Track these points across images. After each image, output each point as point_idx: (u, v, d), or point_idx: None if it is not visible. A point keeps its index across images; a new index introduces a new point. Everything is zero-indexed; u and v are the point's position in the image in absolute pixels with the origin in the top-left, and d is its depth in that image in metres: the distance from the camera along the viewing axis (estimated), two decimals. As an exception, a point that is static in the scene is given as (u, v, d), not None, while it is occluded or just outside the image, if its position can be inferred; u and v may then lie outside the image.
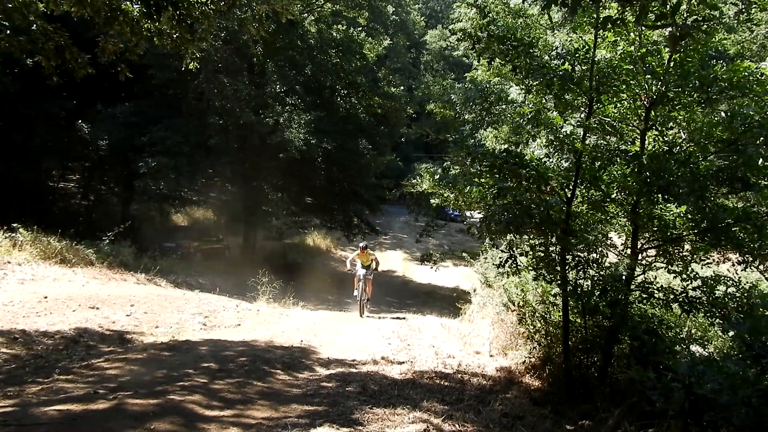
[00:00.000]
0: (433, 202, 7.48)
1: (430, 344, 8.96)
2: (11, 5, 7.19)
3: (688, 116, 6.21)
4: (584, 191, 6.20)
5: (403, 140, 41.80)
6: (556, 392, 6.32)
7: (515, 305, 7.67)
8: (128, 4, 7.71)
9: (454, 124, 15.84)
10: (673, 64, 5.95)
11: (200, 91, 21.96)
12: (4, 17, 7.29)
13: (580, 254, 6.28)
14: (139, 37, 7.83)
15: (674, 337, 5.99)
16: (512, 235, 6.67)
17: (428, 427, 4.77)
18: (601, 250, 6.54)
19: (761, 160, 5.54)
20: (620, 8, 5.27)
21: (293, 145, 21.65)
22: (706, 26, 5.30)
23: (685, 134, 6.35)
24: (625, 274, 6.05)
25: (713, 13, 5.72)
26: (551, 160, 6.70)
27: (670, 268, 6.12)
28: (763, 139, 5.52)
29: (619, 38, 6.28)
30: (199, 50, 8.62)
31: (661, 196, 5.68)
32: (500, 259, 7.25)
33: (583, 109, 6.46)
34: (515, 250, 6.72)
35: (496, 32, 6.63)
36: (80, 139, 25.48)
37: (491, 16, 17.06)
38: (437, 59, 54.70)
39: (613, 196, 6.01)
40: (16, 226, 12.97)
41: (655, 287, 6.05)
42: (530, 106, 7.36)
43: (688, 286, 5.81)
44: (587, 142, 6.36)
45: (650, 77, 6.01)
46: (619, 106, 6.45)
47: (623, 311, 5.71)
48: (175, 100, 22.87)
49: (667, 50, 5.99)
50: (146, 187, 21.05)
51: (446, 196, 7.06)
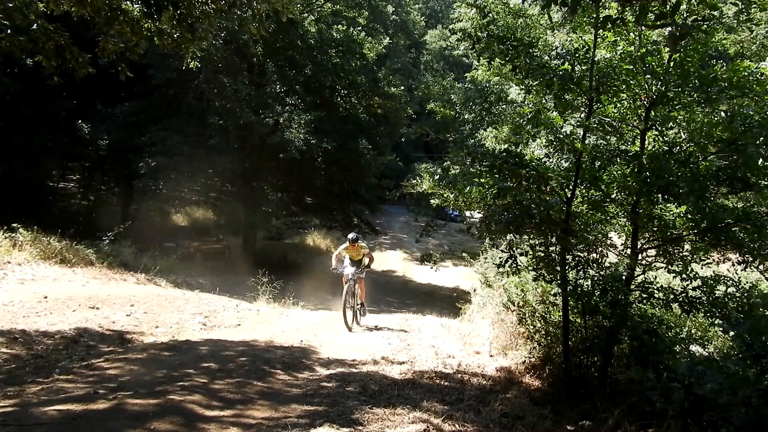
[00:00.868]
0: (433, 202, 7.48)
1: (430, 344, 8.96)
2: (12, 5, 7.20)
3: (688, 116, 6.21)
4: (584, 191, 6.20)
5: (403, 140, 41.81)
6: (556, 392, 6.32)
7: (515, 305, 7.66)
8: (128, 3, 7.71)
9: (454, 124, 15.85)
10: (673, 64, 5.95)
11: (200, 91, 21.97)
12: (4, 17, 7.29)
13: (580, 254, 6.28)
14: (139, 36, 7.83)
15: (674, 337, 5.99)
16: (512, 235, 6.67)
17: (428, 427, 4.77)
18: (601, 250, 6.54)
19: (761, 160, 5.55)
20: (620, 8, 5.27)
21: (293, 145, 21.65)
22: (706, 26, 5.30)
23: (685, 134, 6.35)
24: (625, 274, 6.05)
25: (713, 13, 5.73)
26: (551, 160, 6.70)
27: (670, 268, 6.12)
28: (763, 139, 5.52)
29: (619, 38, 6.27)
30: (199, 50, 8.62)
31: (661, 196, 5.68)
32: (500, 259, 7.24)
33: (583, 109, 6.45)
34: (515, 250, 6.72)
35: (496, 32, 6.63)
36: (80, 139, 25.47)
37: (491, 16, 17.03)
38: (437, 59, 54.69)
39: (613, 196, 6.01)
40: (16, 226, 12.96)
41: (655, 287, 6.05)
42: (530, 106, 7.36)
43: (688, 286, 5.81)
44: (587, 142, 6.36)
45: (650, 77, 6.01)
46: (619, 106, 6.45)
47: (623, 311, 5.71)
48: (175, 100, 22.85)
49: (667, 50, 5.99)
50: (146, 187, 21.05)
51: (446, 196, 7.06)
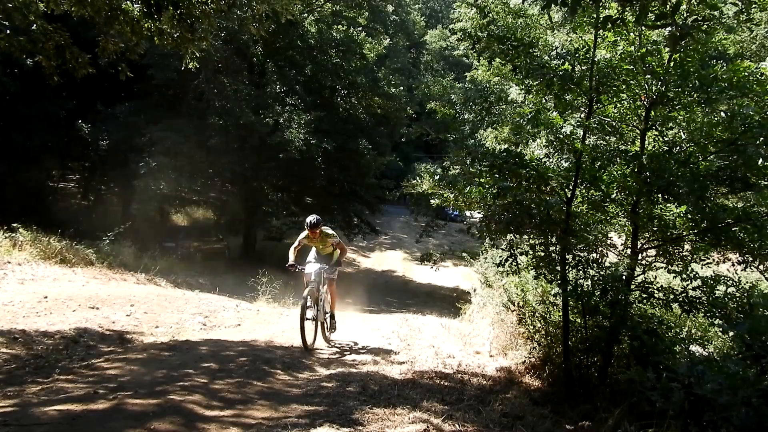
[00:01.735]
0: (433, 202, 7.47)
1: (430, 344, 8.95)
2: (11, 5, 7.20)
3: (688, 116, 6.21)
4: (584, 191, 6.20)
5: (403, 140, 41.72)
6: (556, 392, 6.32)
7: (515, 305, 7.66)
8: (129, 3, 7.70)
9: (454, 124, 15.86)
10: (673, 64, 5.95)
11: (200, 91, 21.96)
12: (4, 17, 7.29)
13: (580, 254, 6.29)
14: (139, 36, 7.83)
15: (674, 337, 5.98)
16: (512, 235, 6.67)
17: (428, 427, 4.77)
18: (601, 250, 6.55)
19: (761, 160, 5.54)
20: (620, 8, 5.27)
21: (293, 145, 21.66)
22: (706, 26, 5.31)
23: (685, 134, 6.35)
24: (625, 274, 6.05)
25: (713, 13, 5.73)
26: (551, 160, 6.70)
27: (670, 268, 6.12)
28: (763, 139, 5.51)
29: (619, 38, 6.27)
30: (199, 50, 8.61)
31: (661, 196, 5.68)
32: (500, 258, 7.24)
33: (583, 109, 6.46)
34: (515, 249, 6.72)
35: (495, 32, 6.65)
36: (80, 139, 25.49)
37: (491, 16, 17.12)
38: (437, 59, 54.67)
39: (613, 196, 6.01)
40: (16, 226, 12.95)
41: (655, 287, 6.06)
42: (530, 106, 7.37)
43: (688, 286, 5.81)
44: (587, 142, 6.36)
45: (650, 77, 6.01)
46: (619, 106, 6.45)
47: (623, 311, 5.71)
48: (175, 100, 22.87)
49: (667, 50, 5.99)
50: (146, 187, 21.06)
51: (446, 196, 7.06)
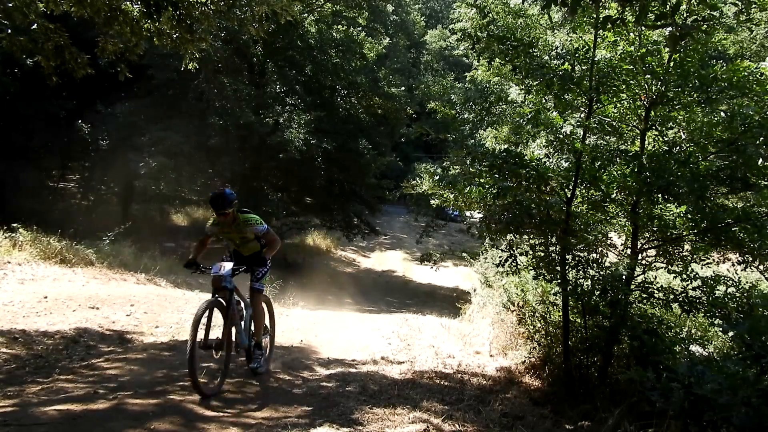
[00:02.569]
0: (433, 202, 7.47)
1: (429, 344, 8.95)
2: (12, 5, 7.20)
3: (687, 116, 6.22)
4: (584, 191, 6.21)
5: (403, 140, 41.69)
6: (556, 392, 6.32)
7: (515, 305, 7.66)
8: (128, 4, 7.71)
9: (454, 123, 15.84)
10: (672, 64, 5.95)
11: (200, 91, 21.93)
12: (4, 17, 7.29)
13: (580, 254, 6.29)
14: (138, 37, 7.83)
15: (674, 337, 5.98)
16: (512, 235, 6.67)
17: (428, 427, 4.77)
18: (601, 249, 6.55)
19: (761, 160, 5.54)
20: (620, 8, 5.27)
21: (293, 145, 21.64)
22: (706, 26, 5.30)
23: (685, 134, 6.36)
24: (625, 274, 6.05)
25: (713, 13, 5.73)
26: (551, 160, 6.70)
27: (670, 268, 6.12)
28: (763, 139, 5.52)
29: (619, 38, 6.27)
30: (198, 50, 8.61)
31: (661, 196, 5.69)
32: (500, 258, 7.24)
33: (582, 109, 6.46)
34: (515, 249, 6.72)
35: (495, 32, 6.65)
36: (80, 139, 25.45)
37: (491, 16, 17.11)
38: (437, 59, 54.64)
39: (613, 196, 6.01)
40: (16, 226, 12.92)
41: (655, 287, 6.06)
42: (530, 106, 7.36)
43: (688, 286, 5.81)
44: (587, 142, 6.36)
45: (650, 77, 6.02)
46: (619, 106, 6.45)
47: (623, 311, 5.71)
48: (175, 100, 22.82)
49: (667, 50, 5.99)
50: (146, 187, 21.05)
51: (446, 196, 7.06)
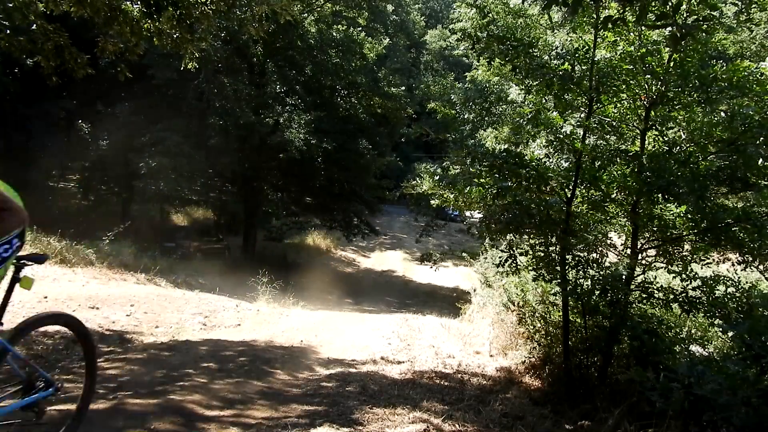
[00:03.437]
0: (433, 202, 7.49)
1: (430, 344, 8.96)
2: (12, 5, 7.20)
3: (688, 116, 6.21)
4: (584, 191, 6.21)
5: (403, 140, 41.67)
6: (556, 392, 6.32)
7: (515, 305, 7.67)
8: (128, 3, 7.71)
9: (454, 123, 15.86)
10: (673, 64, 5.94)
11: (200, 91, 21.92)
12: (4, 17, 7.30)
13: (579, 254, 6.28)
14: (138, 37, 7.83)
15: (674, 337, 5.99)
16: (512, 235, 6.68)
17: (428, 427, 4.77)
18: (601, 249, 6.55)
19: (761, 160, 5.54)
20: (620, 8, 5.27)
21: (293, 145, 21.64)
22: (706, 26, 5.30)
23: (685, 134, 6.35)
24: (624, 274, 6.05)
25: (713, 13, 5.73)
26: (551, 160, 6.70)
27: (670, 268, 6.12)
28: (763, 139, 5.52)
29: (619, 38, 6.27)
30: (198, 50, 8.61)
31: (661, 196, 5.68)
32: (500, 258, 7.24)
33: (583, 109, 6.46)
34: (515, 249, 6.72)
35: (495, 32, 6.65)
36: (80, 139, 25.55)
37: (491, 16, 17.11)
38: (437, 59, 54.60)
39: (613, 196, 6.01)
40: (16, 225, 12.94)
41: (655, 287, 6.05)
42: (530, 106, 7.36)
43: (688, 286, 5.81)
44: (587, 142, 6.36)
45: (650, 77, 6.01)
46: (619, 106, 6.44)
47: (623, 311, 5.71)
48: (175, 100, 22.81)
49: (667, 50, 5.98)
50: (146, 187, 21.07)
51: (446, 196, 7.06)
